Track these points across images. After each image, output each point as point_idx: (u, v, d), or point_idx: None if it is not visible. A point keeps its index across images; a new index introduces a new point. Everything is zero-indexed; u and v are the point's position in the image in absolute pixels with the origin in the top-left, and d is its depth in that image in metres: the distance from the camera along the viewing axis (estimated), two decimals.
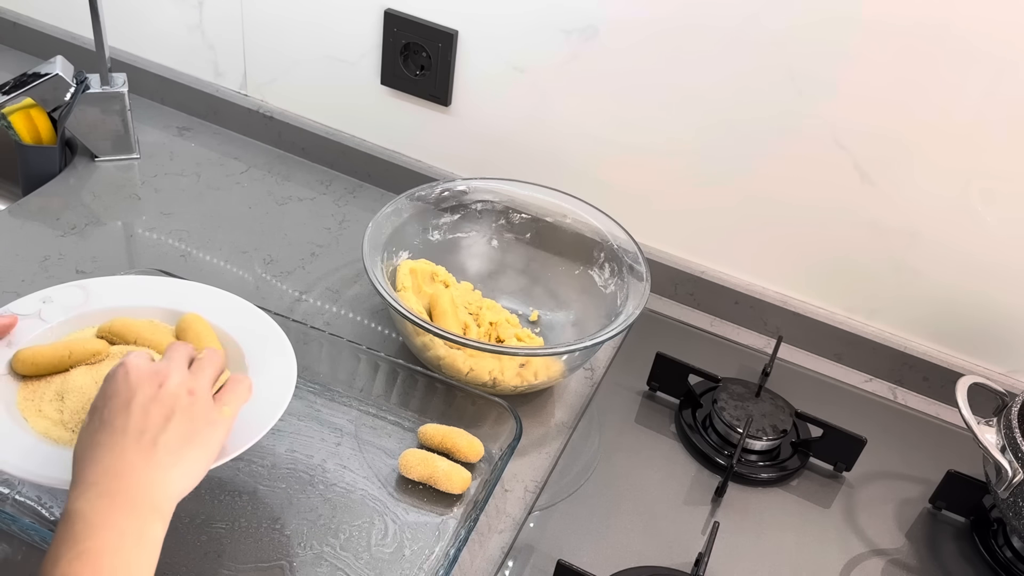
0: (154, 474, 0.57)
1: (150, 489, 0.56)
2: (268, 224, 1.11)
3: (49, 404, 0.71)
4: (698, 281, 1.09)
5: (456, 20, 1.05)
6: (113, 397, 0.59)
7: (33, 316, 0.76)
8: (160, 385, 0.60)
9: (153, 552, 0.55)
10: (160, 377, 0.61)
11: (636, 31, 0.97)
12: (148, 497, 0.56)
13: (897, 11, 0.86)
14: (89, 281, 0.81)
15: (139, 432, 0.58)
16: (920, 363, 1.03)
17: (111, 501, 0.55)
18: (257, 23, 1.17)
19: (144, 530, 0.55)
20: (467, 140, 1.13)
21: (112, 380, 0.61)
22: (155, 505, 0.56)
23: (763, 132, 0.97)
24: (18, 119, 1.08)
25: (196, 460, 0.59)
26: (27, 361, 0.72)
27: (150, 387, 0.60)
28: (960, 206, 0.94)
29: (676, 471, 0.91)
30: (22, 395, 0.71)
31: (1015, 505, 0.81)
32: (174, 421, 0.59)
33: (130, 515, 0.55)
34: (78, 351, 0.73)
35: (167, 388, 0.60)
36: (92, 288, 0.80)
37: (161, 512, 0.56)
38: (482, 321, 0.96)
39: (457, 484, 0.81)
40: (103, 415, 0.59)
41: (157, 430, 0.58)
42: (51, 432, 0.69)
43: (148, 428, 0.58)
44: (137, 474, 0.56)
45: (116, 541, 0.53)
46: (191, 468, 0.59)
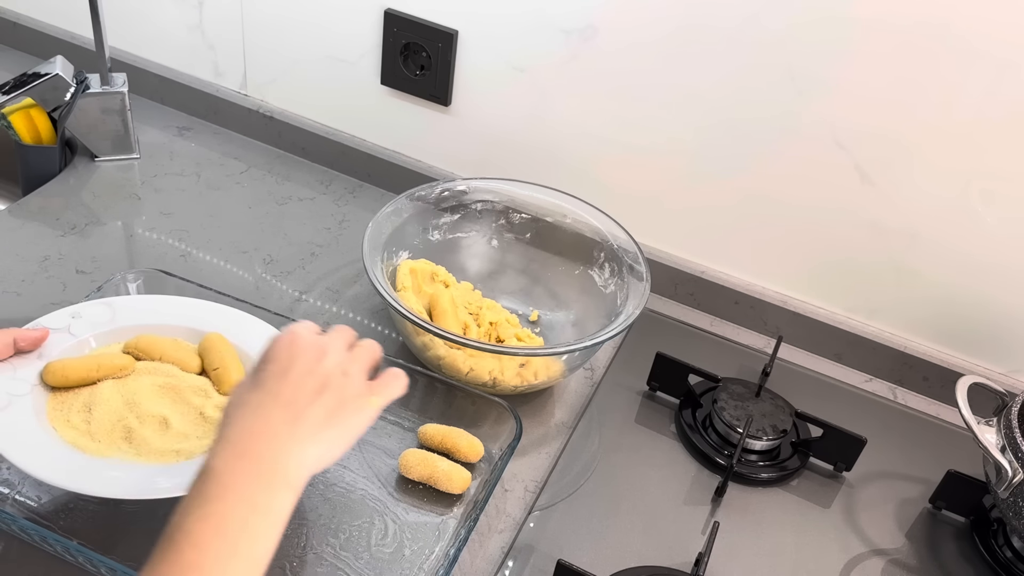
0: (292, 445, 0.57)
1: (286, 458, 0.57)
2: (268, 224, 1.11)
3: (77, 415, 0.74)
4: (698, 281, 1.09)
5: (456, 20, 1.05)
6: (273, 361, 0.60)
7: (63, 330, 0.79)
8: (319, 359, 0.61)
9: (279, 523, 0.56)
10: (321, 352, 0.61)
11: (636, 31, 0.97)
12: (282, 466, 0.56)
13: (897, 10, 0.86)
14: (115, 299, 0.85)
15: (288, 400, 0.58)
16: (920, 363, 1.03)
17: (246, 464, 0.55)
18: (257, 23, 1.17)
19: (273, 501, 0.55)
20: (467, 140, 1.13)
21: (276, 345, 0.62)
22: (287, 476, 0.56)
23: (763, 132, 0.97)
24: (18, 119, 1.08)
25: (335, 440, 0.60)
26: (57, 373, 0.75)
27: (309, 359, 0.60)
28: (960, 206, 0.94)
29: (676, 471, 0.91)
30: (51, 405, 0.74)
31: (1015, 505, 0.81)
32: (324, 397, 0.59)
33: (261, 482, 0.55)
34: (106, 365, 0.77)
35: (324, 364, 0.61)
36: (118, 306, 0.84)
37: (292, 484, 0.57)
38: (482, 321, 0.96)
39: (457, 484, 0.81)
40: (259, 376, 0.60)
41: (306, 402, 0.59)
42: (79, 442, 0.72)
43: (297, 399, 0.59)
44: (277, 441, 0.57)
45: (244, 509, 0.54)
46: (328, 447, 0.59)
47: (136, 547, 0.73)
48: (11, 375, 0.74)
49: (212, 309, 0.86)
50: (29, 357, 0.76)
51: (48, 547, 0.71)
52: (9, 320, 0.91)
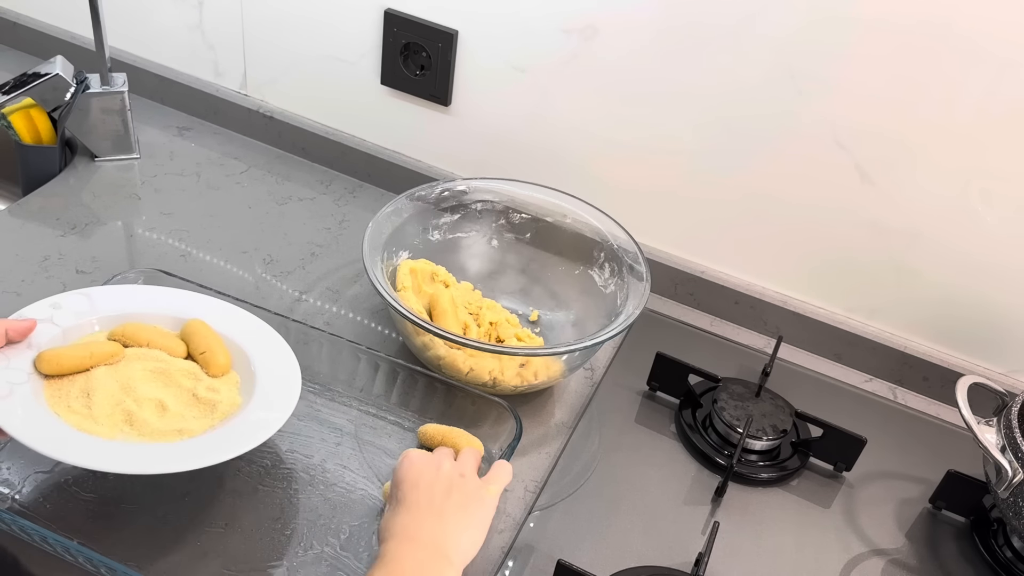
0: (445, 532, 0.69)
1: (443, 541, 0.69)
2: (268, 224, 1.11)
3: (77, 400, 0.75)
4: (698, 281, 1.09)
5: (456, 20, 1.05)
6: (404, 481, 0.73)
7: (46, 321, 0.80)
8: (439, 468, 0.74)
9: None
10: (437, 464, 0.74)
11: (636, 31, 0.97)
12: (442, 547, 0.68)
13: (898, 10, 0.86)
14: (91, 289, 0.86)
15: (428, 503, 0.71)
16: (920, 363, 1.03)
17: (414, 546, 0.68)
18: (257, 23, 1.17)
19: (437, 566, 0.67)
20: (467, 140, 1.13)
21: (401, 468, 0.74)
22: (447, 554, 0.68)
23: (763, 131, 0.97)
24: (18, 119, 1.08)
25: (475, 527, 0.72)
26: (52, 361, 0.76)
27: (431, 471, 0.74)
28: (960, 206, 0.94)
29: (676, 471, 0.91)
30: (48, 392, 0.75)
31: (1015, 505, 0.81)
32: (454, 495, 0.72)
33: (426, 553, 0.68)
34: (98, 352, 0.78)
35: (443, 471, 0.74)
36: (95, 296, 0.85)
37: (452, 562, 0.68)
38: (482, 321, 0.96)
39: None
40: (398, 496, 0.72)
41: (442, 501, 0.71)
42: (83, 425, 0.73)
43: (435, 500, 0.71)
44: (432, 531, 0.69)
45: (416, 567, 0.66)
46: (473, 534, 0.71)
47: (136, 547, 0.73)
48: (6, 365, 0.74)
49: (187, 296, 0.87)
50: (19, 347, 0.76)
51: (48, 547, 0.71)
52: None
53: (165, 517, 0.76)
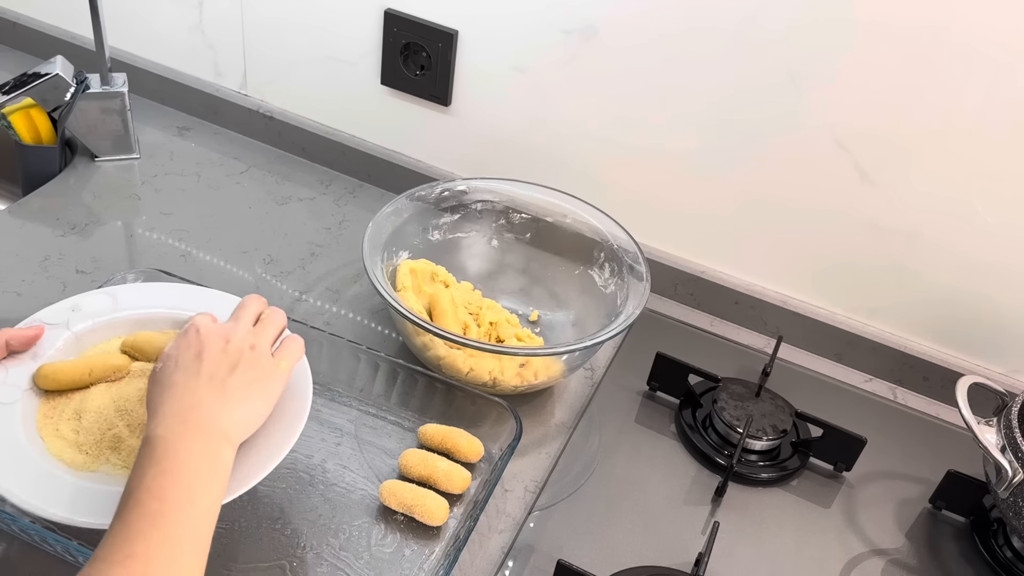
0: (224, 409, 0.64)
1: (220, 420, 0.64)
2: (268, 224, 1.11)
3: (67, 423, 0.72)
4: (698, 281, 1.09)
5: (456, 20, 1.05)
6: (186, 349, 0.67)
7: (61, 325, 0.77)
8: (227, 341, 0.68)
9: (224, 473, 0.63)
10: (225, 334, 0.68)
11: (636, 31, 0.97)
12: (219, 426, 0.63)
13: (897, 13, 0.86)
14: (117, 288, 0.83)
15: (210, 375, 0.65)
16: (920, 363, 1.03)
17: (187, 428, 0.62)
18: (257, 23, 1.17)
19: (216, 453, 0.62)
20: (467, 140, 1.13)
21: (184, 336, 0.68)
22: (225, 433, 0.63)
23: (764, 132, 0.97)
24: (18, 119, 1.08)
25: (258, 404, 0.67)
26: (48, 377, 0.73)
27: (218, 341, 0.68)
28: (960, 207, 0.94)
29: (676, 471, 0.91)
30: (42, 411, 0.72)
31: (1015, 505, 0.81)
32: (239, 369, 0.66)
33: (204, 439, 0.62)
34: (99, 368, 0.75)
35: (233, 343, 0.68)
36: (120, 295, 0.82)
37: (230, 439, 0.64)
38: (482, 321, 0.96)
39: (457, 484, 0.81)
40: (178, 361, 0.66)
41: (225, 375, 0.66)
42: (64, 454, 0.70)
43: (217, 373, 0.65)
44: (209, 407, 0.64)
45: (194, 460, 0.61)
46: (254, 410, 0.67)
47: None
48: (2, 379, 0.71)
49: (215, 297, 0.84)
50: (23, 358, 0.73)
51: (48, 547, 0.71)
52: (8, 320, 0.91)
53: None
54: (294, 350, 0.72)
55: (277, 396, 0.69)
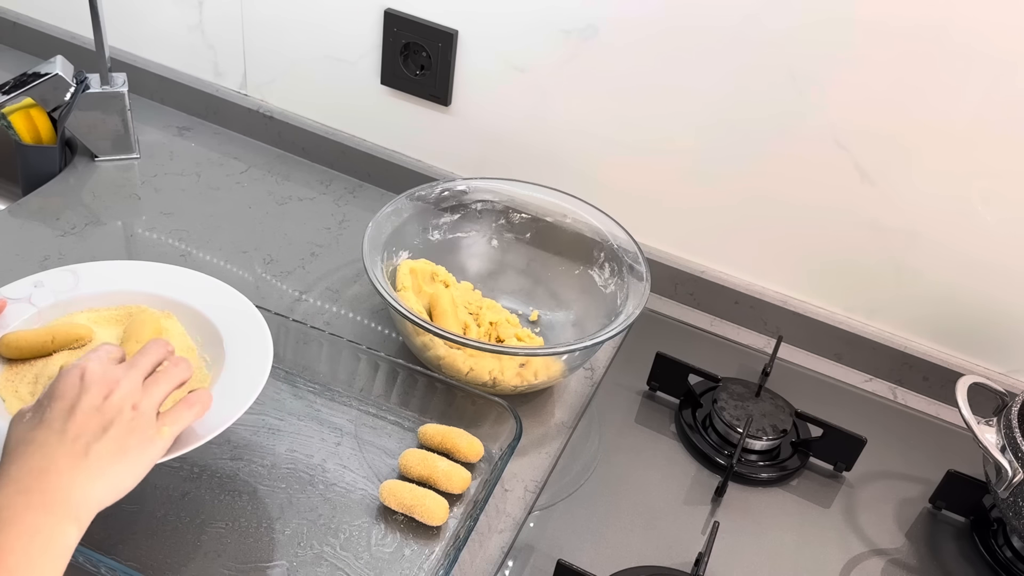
0: (78, 480, 0.57)
1: (70, 494, 0.56)
2: (268, 224, 1.11)
3: (25, 387, 0.73)
4: (698, 281, 1.09)
5: (456, 20, 1.05)
6: (60, 398, 0.60)
7: (23, 300, 0.78)
8: (107, 395, 0.60)
9: (62, 556, 0.55)
10: (110, 385, 0.61)
11: (636, 31, 0.97)
12: (67, 501, 0.56)
13: (897, 12, 0.86)
14: (80, 266, 0.83)
15: (74, 437, 0.58)
16: (920, 363, 1.03)
17: (28, 499, 0.55)
18: (257, 23, 1.17)
19: (55, 533, 0.55)
20: (467, 140, 1.13)
21: (64, 379, 0.61)
22: (72, 510, 0.56)
23: (763, 132, 0.97)
24: (18, 119, 1.08)
25: (123, 474, 0.60)
26: (11, 345, 0.74)
27: (97, 394, 0.60)
28: (960, 206, 0.94)
29: (676, 471, 0.91)
30: (5, 377, 0.74)
31: (1015, 505, 0.81)
32: (111, 432, 0.59)
33: (44, 515, 0.55)
34: (61, 336, 0.75)
35: (112, 399, 0.60)
36: (82, 273, 0.82)
37: (77, 518, 0.56)
38: (482, 321, 0.96)
39: (457, 484, 0.81)
40: (45, 413, 0.59)
41: (92, 438, 0.58)
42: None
43: (83, 434, 0.58)
44: (61, 477, 0.57)
45: (25, 540, 0.54)
46: (117, 481, 0.59)
47: (136, 547, 0.73)
48: None
49: (177, 273, 0.84)
50: None
51: None
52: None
53: (165, 517, 0.76)
54: (184, 416, 0.64)
55: (150, 465, 0.61)
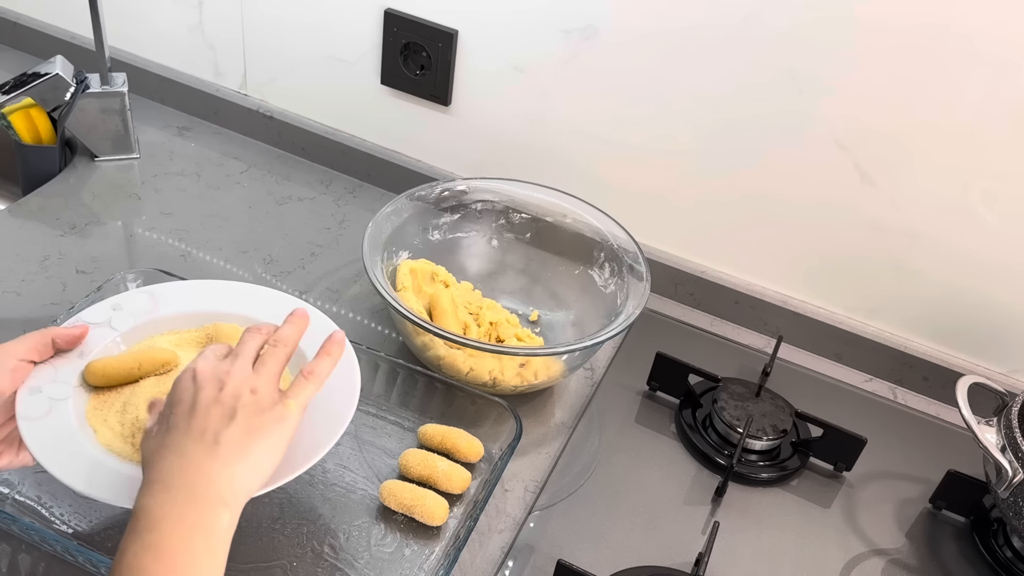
0: (217, 469, 0.58)
1: (213, 482, 0.57)
2: (268, 224, 1.11)
3: (114, 416, 0.72)
4: (698, 281, 1.09)
5: (456, 20, 1.05)
6: (178, 403, 0.61)
7: (104, 324, 0.77)
8: (222, 387, 0.61)
9: (221, 543, 0.57)
10: (222, 378, 0.62)
11: (636, 30, 0.97)
12: (211, 489, 0.57)
13: (897, 11, 0.86)
14: (156, 287, 0.83)
15: (201, 431, 0.59)
16: (920, 363, 1.03)
17: (173, 496, 0.56)
18: (257, 23, 1.17)
19: (207, 520, 0.56)
20: (467, 140, 1.13)
21: (177, 385, 0.63)
22: (219, 496, 0.57)
23: (763, 132, 0.97)
24: (18, 119, 1.08)
25: (261, 454, 0.60)
26: (98, 373, 0.73)
27: (212, 389, 0.61)
28: (960, 206, 0.94)
29: (676, 471, 0.91)
30: (91, 405, 0.72)
31: (1015, 505, 0.81)
32: (237, 418, 0.60)
33: (192, 507, 0.56)
34: (147, 362, 0.75)
35: (228, 389, 0.61)
36: (159, 294, 0.82)
37: (227, 503, 0.57)
38: (482, 321, 0.96)
39: (457, 484, 0.81)
40: (169, 420, 0.61)
41: (219, 428, 0.59)
42: (113, 444, 0.70)
43: (209, 427, 0.59)
44: (200, 469, 0.57)
45: (179, 532, 0.55)
46: (257, 462, 0.60)
47: None
48: (52, 377, 0.71)
49: (254, 292, 0.83)
50: (70, 356, 0.73)
51: (48, 547, 0.71)
52: (8, 320, 0.91)
53: None
54: (305, 388, 0.64)
55: (286, 442, 0.62)
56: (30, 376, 0.70)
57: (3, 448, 0.69)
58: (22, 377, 0.69)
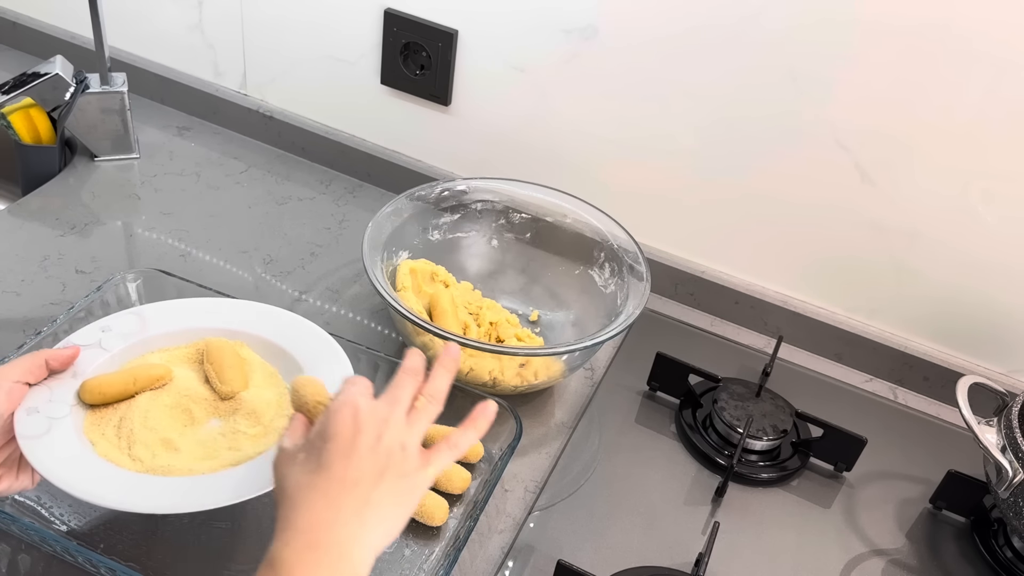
0: (361, 531, 0.56)
1: (355, 547, 0.56)
2: (268, 224, 1.11)
3: (111, 430, 0.73)
4: (698, 281, 1.09)
5: (456, 20, 1.05)
6: (334, 438, 0.58)
7: (94, 346, 0.77)
8: (379, 436, 0.59)
9: None
10: (380, 426, 0.59)
11: (636, 31, 0.97)
12: (350, 554, 0.55)
13: (897, 11, 0.86)
14: (145, 308, 0.83)
15: (354, 483, 0.57)
16: (920, 363, 1.03)
17: (317, 555, 0.54)
18: (257, 23, 1.17)
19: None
20: (467, 140, 1.13)
21: (336, 418, 0.59)
22: (354, 563, 0.56)
23: (764, 132, 0.97)
24: (18, 119, 1.08)
25: (396, 519, 0.59)
26: (94, 391, 0.73)
27: (372, 435, 0.59)
28: (960, 206, 0.94)
29: (676, 471, 0.91)
30: (89, 422, 0.73)
31: (1015, 505, 0.81)
32: (387, 478, 0.58)
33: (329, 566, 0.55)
34: (142, 378, 0.75)
35: (384, 441, 0.59)
36: (148, 314, 0.82)
37: (357, 570, 0.56)
38: (482, 321, 0.96)
39: (457, 484, 0.81)
40: (323, 456, 0.58)
41: (371, 485, 0.57)
42: (111, 454, 0.70)
43: (362, 480, 0.57)
44: (347, 529, 0.56)
45: None
46: (390, 527, 0.59)
47: (137, 548, 0.73)
48: (48, 397, 0.72)
49: (244, 307, 0.84)
50: (63, 377, 0.74)
51: (48, 547, 0.71)
52: (8, 320, 0.91)
53: (165, 517, 0.76)
54: (447, 456, 0.62)
55: (414, 509, 0.60)
56: (26, 397, 0.71)
57: (2, 472, 0.69)
58: (18, 399, 0.70)
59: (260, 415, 0.75)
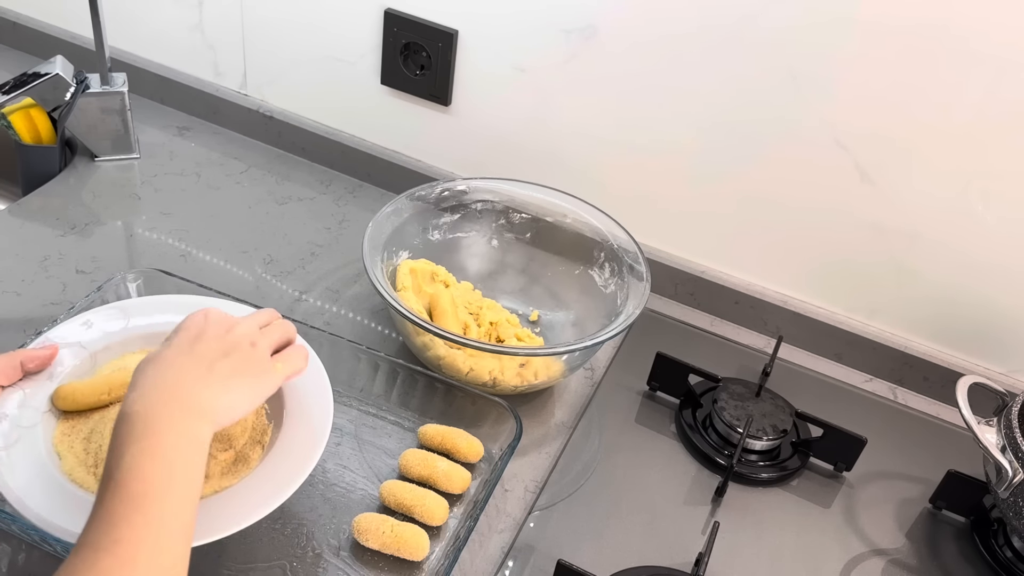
0: (206, 391, 0.62)
1: (202, 400, 0.61)
2: (268, 224, 1.11)
3: (80, 443, 0.71)
4: (698, 281, 1.09)
5: (456, 20, 1.05)
6: (184, 330, 0.65)
7: (75, 343, 0.76)
8: (228, 330, 0.66)
9: (204, 452, 0.60)
10: (230, 324, 0.67)
11: (636, 31, 0.97)
12: (199, 405, 0.61)
13: (897, 12, 0.86)
14: (129, 302, 0.82)
15: (199, 355, 0.63)
16: (920, 363, 1.03)
17: (170, 409, 0.60)
18: (257, 23, 1.17)
19: (197, 431, 0.60)
20: (467, 140, 1.13)
21: (189, 317, 0.67)
22: (207, 414, 0.61)
23: (764, 132, 0.97)
24: (18, 119, 1.08)
25: (241, 395, 0.64)
26: (67, 398, 0.72)
27: (220, 328, 0.66)
28: (960, 206, 0.94)
29: (676, 471, 0.91)
30: (60, 431, 0.71)
31: (1015, 505, 0.81)
32: (231, 357, 0.64)
33: (184, 415, 0.60)
34: (117, 387, 0.73)
35: (232, 334, 0.66)
36: (130, 309, 0.81)
37: (211, 420, 0.61)
38: (482, 321, 0.96)
39: (457, 484, 0.81)
40: (172, 340, 0.65)
41: (215, 358, 0.64)
42: (75, 472, 0.69)
43: (208, 355, 0.64)
44: (192, 387, 0.62)
45: (173, 437, 0.58)
46: (237, 399, 0.64)
47: None
48: (21, 402, 0.70)
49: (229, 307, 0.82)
50: (39, 379, 0.72)
51: (48, 547, 0.71)
52: (8, 320, 0.91)
53: None
54: (295, 358, 0.70)
55: (264, 396, 0.66)
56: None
57: None
58: None
59: (233, 439, 0.73)
